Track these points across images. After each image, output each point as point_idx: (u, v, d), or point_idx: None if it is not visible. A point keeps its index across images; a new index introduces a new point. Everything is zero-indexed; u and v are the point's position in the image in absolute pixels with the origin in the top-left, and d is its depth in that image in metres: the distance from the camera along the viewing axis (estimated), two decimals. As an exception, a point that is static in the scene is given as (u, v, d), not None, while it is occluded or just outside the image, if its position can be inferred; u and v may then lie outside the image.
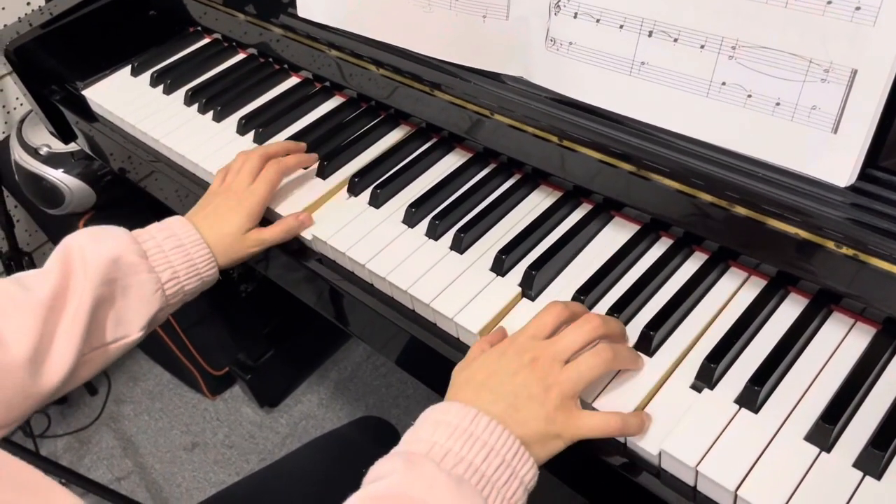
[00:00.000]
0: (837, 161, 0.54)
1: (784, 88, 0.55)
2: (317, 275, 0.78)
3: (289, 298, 0.89)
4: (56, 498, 0.43)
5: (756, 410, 0.56)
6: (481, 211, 0.75)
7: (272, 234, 0.78)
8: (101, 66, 1.07)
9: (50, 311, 0.63)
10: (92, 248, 0.67)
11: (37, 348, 0.62)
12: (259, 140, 0.90)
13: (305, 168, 0.84)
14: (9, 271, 1.49)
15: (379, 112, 0.91)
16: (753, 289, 0.64)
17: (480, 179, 0.80)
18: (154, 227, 0.74)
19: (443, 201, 0.78)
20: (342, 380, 1.65)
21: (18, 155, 1.32)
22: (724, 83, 0.58)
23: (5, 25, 1.44)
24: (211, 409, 1.65)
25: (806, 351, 0.59)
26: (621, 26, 0.62)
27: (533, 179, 0.78)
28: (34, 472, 0.44)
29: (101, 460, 1.59)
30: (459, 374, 0.59)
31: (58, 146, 1.29)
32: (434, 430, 0.52)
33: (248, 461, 1.54)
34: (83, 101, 1.04)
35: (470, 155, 0.83)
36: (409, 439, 0.54)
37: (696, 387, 0.58)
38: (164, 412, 1.66)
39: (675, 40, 0.59)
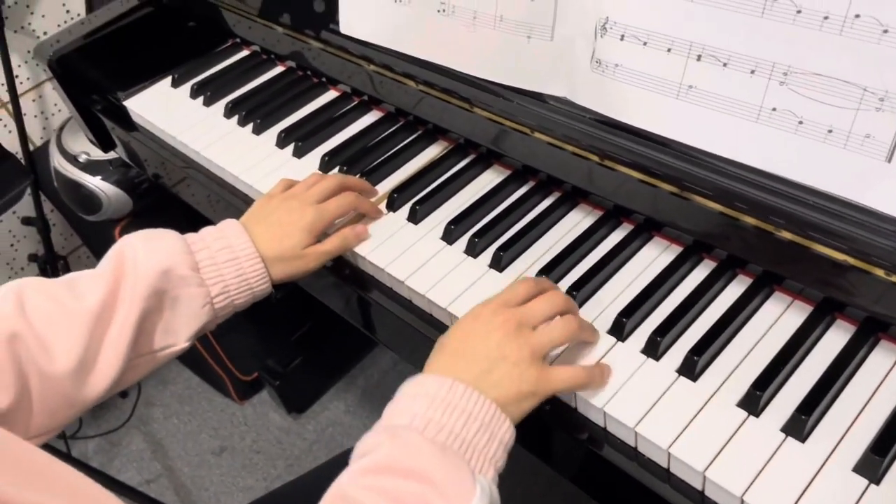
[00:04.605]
0: (892, 190, 0.53)
1: (837, 116, 0.54)
2: (345, 283, 0.78)
3: (318, 306, 0.90)
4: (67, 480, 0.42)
5: (803, 440, 0.55)
6: (521, 229, 0.75)
7: (332, 246, 0.76)
8: (142, 77, 1.07)
9: (98, 320, 0.63)
10: (145, 256, 0.66)
11: (83, 359, 0.62)
12: (298, 154, 0.91)
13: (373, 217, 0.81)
14: (44, 275, 1.51)
15: (417, 127, 0.91)
16: (799, 314, 0.63)
17: (520, 197, 0.80)
18: (210, 235, 0.72)
19: (482, 218, 0.78)
20: (369, 387, 1.66)
21: (58, 162, 1.34)
22: (774, 109, 0.57)
23: (45, 33, 1.48)
24: (239, 414, 1.66)
25: (854, 379, 0.59)
26: (669, 49, 0.61)
27: (572, 198, 0.78)
28: (39, 453, 0.43)
29: (131, 462, 1.61)
30: (439, 342, 0.62)
31: (96, 153, 1.31)
32: (412, 402, 0.55)
33: (276, 466, 1.55)
34: (124, 111, 1.05)
35: (509, 172, 0.83)
36: (389, 413, 0.56)
37: (741, 414, 0.58)
38: (193, 416, 1.67)
39: (725, 65, 0.59)
